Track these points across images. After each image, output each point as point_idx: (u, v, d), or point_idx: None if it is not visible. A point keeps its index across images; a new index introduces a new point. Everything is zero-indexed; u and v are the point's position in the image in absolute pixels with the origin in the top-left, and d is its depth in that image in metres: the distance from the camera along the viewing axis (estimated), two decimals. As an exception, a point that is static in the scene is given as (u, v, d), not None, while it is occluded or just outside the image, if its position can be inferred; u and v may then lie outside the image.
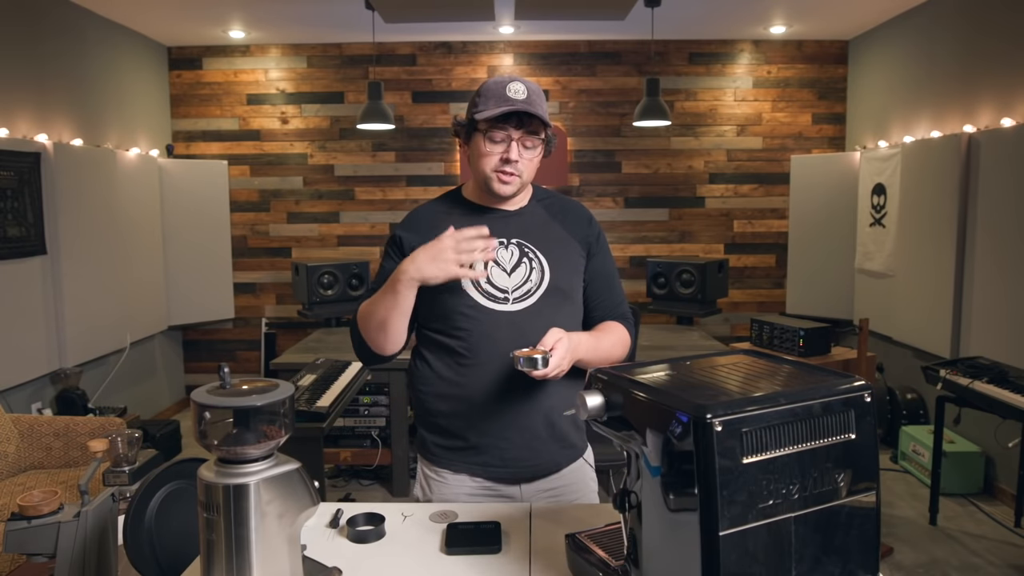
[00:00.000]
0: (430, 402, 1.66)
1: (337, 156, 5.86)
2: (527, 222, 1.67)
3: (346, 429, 4.06)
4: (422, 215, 1.71)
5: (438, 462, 1.67)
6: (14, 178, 3.81)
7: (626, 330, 1.70)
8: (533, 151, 1.59)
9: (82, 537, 1.30)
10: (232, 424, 1.05)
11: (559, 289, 1.62)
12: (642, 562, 1.06)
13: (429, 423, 1.68)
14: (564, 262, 1.65)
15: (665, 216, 5.87)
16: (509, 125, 1.55)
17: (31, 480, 3.13)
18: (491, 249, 1.49)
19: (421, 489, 1.72)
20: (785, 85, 5.77)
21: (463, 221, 1.63)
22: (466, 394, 1.59)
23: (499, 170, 1.58)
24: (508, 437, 1.59)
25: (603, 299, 1.70)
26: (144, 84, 5.46)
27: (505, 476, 1.63)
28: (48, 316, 4.09)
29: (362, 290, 5.09)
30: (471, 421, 1.60)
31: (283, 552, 1.10)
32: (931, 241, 4.35)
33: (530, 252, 1.63)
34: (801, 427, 0.96)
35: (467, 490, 1.65)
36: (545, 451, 1.63)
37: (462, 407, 1.60)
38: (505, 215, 1.66)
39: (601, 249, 1.71)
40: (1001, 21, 3.95)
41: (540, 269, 1.62)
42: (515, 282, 1.61)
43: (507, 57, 5.79)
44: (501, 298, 1.59)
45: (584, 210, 1.75)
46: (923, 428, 4.25)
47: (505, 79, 1.57)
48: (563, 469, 1.67)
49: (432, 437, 1.67)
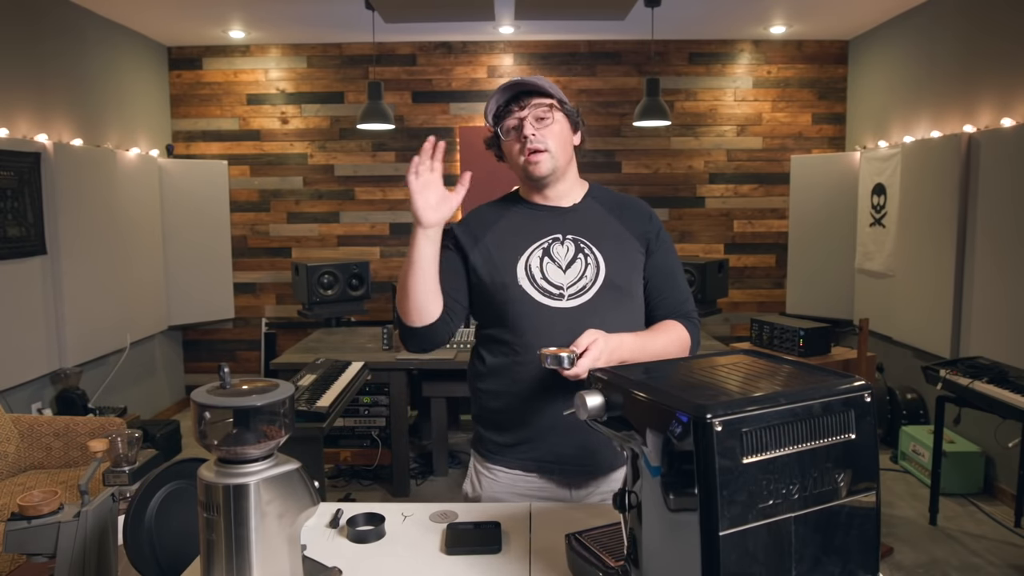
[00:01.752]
0: (486, 398, 1.66)
1: (337, 156, 5.86)
2: (582, 217, 1.65)
3: (346, 429, 4.06)
4: (479, 212, 1.72)
5: (491, 458, 1.66)
6: (14, 178, 3.81)
7: (686, 330, 1.64)
8: (548, 121, 1.59)
9: (82, 537, 1.30)
10: (232, 424, 1.05)
11: (615, 285, 1.59)
12: (642, 562, 1.06)
13: (484, 419, 1.68)
14: (621, 258, 1.62)
15: (665, 216, 5.87)
16: (513, 109, 1.58)
17: (31, 480, 3.13)
18: (431, 146, 1.58)
19: (471, 485, 1.71)
20: (785, 85, 5.77)
21: (516, 220, 1.66)
22: (520, 390, 1.58)
23: (525, 154, 1.59)
24: (561, 435, 1.58)
25: (664, 296, 1.66)
26: (144, 84, 5.46)
27: (559, 477, 1.62)
28: (48, 316, 4.09)
29: (362, 290, 5.09)
30: (524, 417, 1.59)
31: (283, 552, 1.10)
32: (931, 241, 4.35)
33: (585, 248, 1.61)
34: (801, 427, 0.96)
35: (518, 489, 1.64)
36: (599, 451, 1.60)
37: (516, 403, 1.60)
38: (560, 211, 1.66)
39: (662, 245, 1.67)
40: (1001, 21, 3.95)
41: (596, 265, 1.60)
42: (570, 278, 1.59)
43: (507, 57, 5.79)
44: (556, 294, 1.58)
45: (643, 205, 1.72)
46: (923, 428, 4.25)
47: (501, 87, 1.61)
48: (616, 471, 1.64)
49: (487, 433, 1.67)
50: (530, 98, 1.57)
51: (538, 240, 1.62)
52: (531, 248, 1.62)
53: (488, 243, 1.64)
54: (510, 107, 1.59)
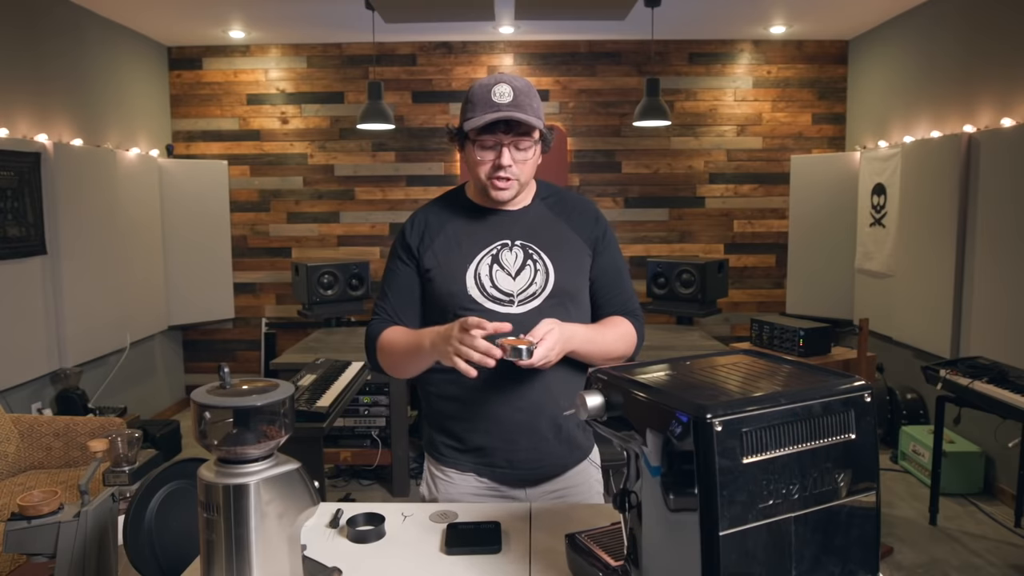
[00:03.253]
0: (436, 403, 1.66)
1: (337, 156, 5.86)
2: (531, 222, 1.65)
3: (346, 429, 4.06)
4: (425, 216, 1.69)
5: (445, 461, 1.66)
6: (14, 178, 3.81)
7: (632, 326, 1.66)
8: (526, 152, 1.57)
9: (82, 537, 1.30)
10: (232, 424, 1.05)
11: (564, 291, 1.60)
12: (642, 562, 1.06)
13: (436, 423, 1.68)
14: (569, 263, 1.63)
15: (665, 216, 5.87)
16: (498, 131, 1.53)
17: (31, 480, 3.13)
18: (491, 354, 1.40)
19: (427, 487, 1.72)
20: (785, 85, 5.77)
21: (465, 224, 1.64)
22: (472, 397, 1.59)
23: (493, 177, 1.56)
24: (514, 440, 1.59)
25: (610, 296, 1.68)
26: (144, 84, 5.46)
27: (511, 478, 1.63)
28: (48, 316, 4.09)
29: (362, 290, 5.08)
30: (476, 424, 1.60)
31: (283, 552, 1.10)
32: (931, 241, 4.35)
33: (535, 254, 1.61)
34: (801, 427, 0.96)
35: (472, 490, 1.65)
36: (552, 453, 1.62)
37: (468, 410, 1.60)
38: (508, 215, 1.65)
39: (608, 246, 1.68)
40: (1001, 21, 3.95)
41: (545, 271, 1.60)
42: (520, 285, 1.59)
43: (507, 57, 5.79)
44: (506, 301, 1.59)
45: (591, 206, 1.72)
46: (923, 428, 4.25)
47: (491, 81, 1.54)
48: (569, 471, 1.66)
49: (439, 437, 1.67)
50: (518, 124, 1.53)
51: (487, 247, 1.61)
52: (480, 255, 1.61)
53: (437, 249, 1.63)
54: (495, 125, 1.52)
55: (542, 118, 1.57)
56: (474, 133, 1.54)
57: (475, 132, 1.54)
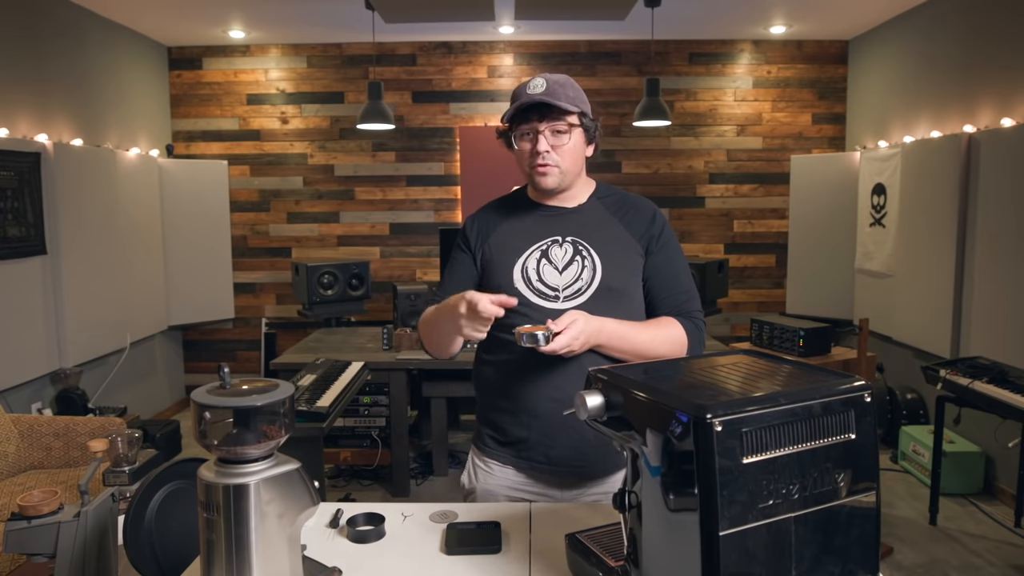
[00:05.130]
0: (486, 396, 1.70)
1: (337, 156, 5.86)
2: (585, 219, 1.66)
3: (346, 429, 4.06)
4: (486, 212, 1.75)
5: (488, 452, 1.69)
6: (14, 178, 3.81)
7: (682, 328, 1.61)
8: (563, 138, 1.59)
9: (82, 537, 1.30)
10: (232, 424, 1.05)
11: (611, 288, 1.60)
12: (642, 562, 1.06)
13: (484, 416, 1.71)
14: (618, 260, 1.62)
15: (665, 216, 5.86)
16: (532, 119, 1.57)
17: (31, 480, 3.13)
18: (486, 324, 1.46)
19: (468, 476, 1.74)
20: (785, 85, 5.77)
21: (519, 220, 1.68)
22: (517, 391, 1.61)
23: (535, 165, 1.60)
24: (555, 436, 1.59)
25: (664, 296, 1.65)
26: (144, 84, 5.46)
27: (550, 476, 1.63)
28: (48, 316, 4.09)
29: (362, 290, 5.09)
30: (519, 417, 1.61)
31: (283, 552, 1.10)
32: (931, 241, 4.35)
33: (584, 250, 1.62)
34: (801, 427, 0.96)
35: (510, 483, 1.66)
36: (592, 455, 1.60)
37: (512, 403, 1.62)
38: (563, 212, 1.67)
39: (664, 245, 1.66)
40: (1001, 22, 3.95)
41: (592, 267, 1.60)
42: (566, 280, 1.60)
43: (507, 57, 5.79)
44: (552, 296, 1.60)
45: (648, 206, 1.71)
46: (923, 428, 4.25)
47: (530, 79, 1.60)
48: (609, 477, 1.64)
49: (486, 429, 1.71)
50: (551, 112, 1.57)
51: (538, 242, 1.64)
52: (530, 250, 1.63)
53: (492, 244, 1.68)
54: (529, 113, 1.58)
55: (581, 109, 1.59)
56: (514, 126, 1.60)
57: (514, 125, 1.60)
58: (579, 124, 1.60)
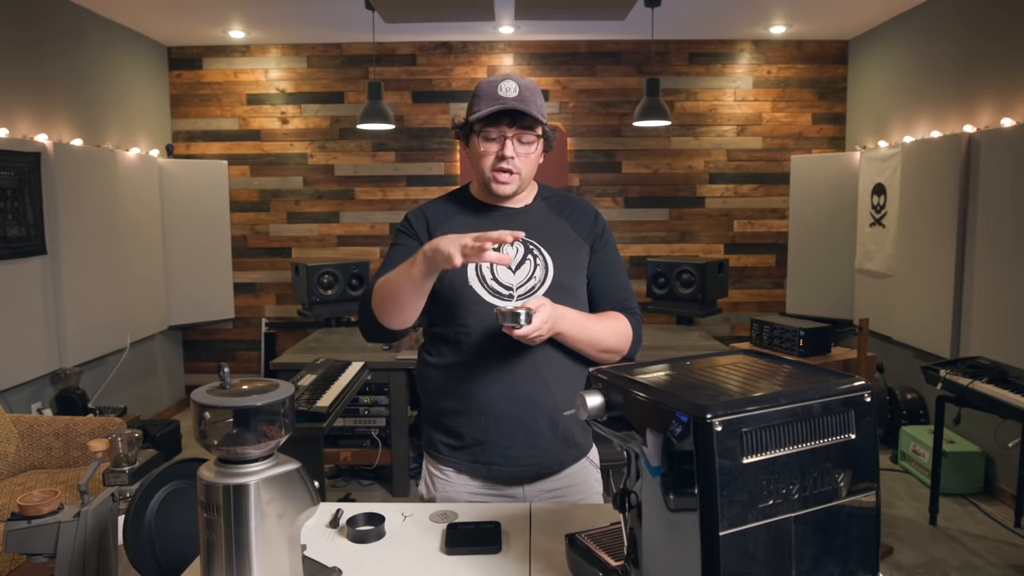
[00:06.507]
0: (435, 399, 1.67)
1: (337, 156, 5.86)
2: (532, 220, 1.68)
3: (346, 429, 4.06)
4: (432, 208, 1.73)
5: (443, 460, 1.67)
6: (14, 178, 3.81)
7: (628, 322, 1.67)
8: (529, 147, 1.61)
9: (82, 537, 1.30)
10: (232, 424, 1.05)
11: (563, 287, 1.63)
12: (642, 562, 1.06)
13: (434, 421, 1.69)
14: (568, 259, 1.66)
15: (665, 216, 5.87)
16: (502, 123, 1.57)
17: (31, 480, 3.13)
18: (503, 252, 1.43)
19: (425, 486, 1.73)
20: (785, 85, 5.77)
21: (469, 219, 1.67)
22: (469, 391, 1.60)
23: (496, 169, 1.60)
24: (512, 435, 1.60)
25: (606, 292, 1.70)
26: (144, 84, 5.46)
27: (508, 475, 1.63)
28: (48, 316, 4.09)
29: (362, 290, 5.08)
30: (474, 419, 1.61)
31: (283, 552, 1.10)
32: (931, 241, 4.35)
33: (535, 249, 1.64)
34: (801, 427, 0.96)
35: (470, 488, 1.66)
36: (549, 450, 1.63)
37: (465, 404, 1.61)
38: (510, 213, 1.68)
39: (605, 245, 1.72)
40: (1001, 22, 3.95)
41: (544, 266, 1.63)
42: (519, 279, 1.62)
43: (507, 57, 5.79)
44: (505, 295, 1.61)
45: (589, 207, 1.76)
46: (923, 428, 4.25)
47: (498, 78, 1.59)
48: (566, 469, 1.67)
49: (437, 435, 1.68)
50: (522, 119, 1.57)
51: None
52: None
53: None
54: (499, 117, 1.57)
55: (546, 119, 1.62)
56: (479, 125, 1.59)
57: (480, 124, 1.58)
58: (543, 135, 1.62)
